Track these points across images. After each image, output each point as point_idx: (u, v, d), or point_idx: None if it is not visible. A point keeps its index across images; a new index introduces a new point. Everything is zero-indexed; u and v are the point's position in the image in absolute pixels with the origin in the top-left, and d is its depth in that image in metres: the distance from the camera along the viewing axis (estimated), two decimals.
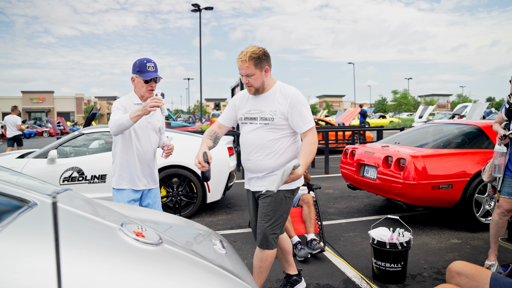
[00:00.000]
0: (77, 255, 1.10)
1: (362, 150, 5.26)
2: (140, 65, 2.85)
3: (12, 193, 1.27)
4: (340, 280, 3.24)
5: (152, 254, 1.28)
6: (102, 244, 1.23)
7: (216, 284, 1.33)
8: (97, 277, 1.08)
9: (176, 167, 5.07)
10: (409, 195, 4.32)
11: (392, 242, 3.10)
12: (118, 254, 1.21)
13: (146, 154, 2.91)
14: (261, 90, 2.42)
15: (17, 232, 1.09)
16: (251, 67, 2.31)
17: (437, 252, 3.84)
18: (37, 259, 1.03)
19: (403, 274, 3.17)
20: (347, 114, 18.32)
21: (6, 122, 11.03)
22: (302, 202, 4.04)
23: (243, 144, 2.52)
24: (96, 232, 1.29)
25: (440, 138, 4.97)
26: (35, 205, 1.26)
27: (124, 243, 1.27)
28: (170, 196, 5.18)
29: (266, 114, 2.40)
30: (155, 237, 1.39)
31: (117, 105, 2.82)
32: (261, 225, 2.44)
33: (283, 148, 2.44)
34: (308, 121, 2.38)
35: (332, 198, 6.38)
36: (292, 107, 2.37)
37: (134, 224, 1.45)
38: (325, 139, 9.37)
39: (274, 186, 2.05)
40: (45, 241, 1.08)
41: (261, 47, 2.37)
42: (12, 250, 1.03)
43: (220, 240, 1.96)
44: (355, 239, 4.29)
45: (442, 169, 4.36)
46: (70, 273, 1.04)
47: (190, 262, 1.36)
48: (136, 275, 1.16)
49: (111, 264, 1.14)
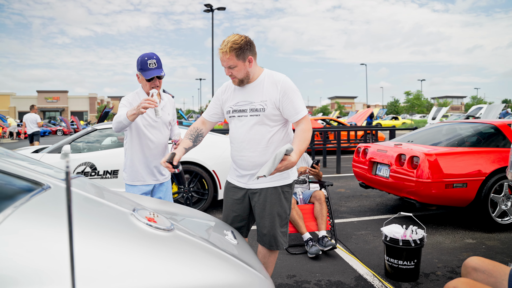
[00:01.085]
0: (89, 236, 1.10)
1: (375, 149, 5.21)
2: (142, 62, 2.74)
3: (27, 176, 1.28)
4: (351, 277, 3.20)
5: (164, 239, 1.28)
6: (114, 227, 1.23)
7: (228, 271, 1.32)
8: (109, 258, 1.08)
9: (188, 164, 5.08)
10: (422, 194, 4.26)
11: (405, 239, 3.06)
12: (130, 238, 1.20)
13: (157, 149, 2.89)
14: (246, 81, 2.22)
15: (31, 212, 1.10)
16: (232, 58, 2.10)
17: (451, 251, 3.77)
18: (49, 238, 1.03)
19: (416, 272, 3.12)
20: (359, 115, 18.18)
21: (26, 120, 11.80)
22: (313, 199, 4.01)
23: (235, 140, 2.31)
24: (108, 215, 1.29)
25: (455, 137, 4.89)
26: (48, 188, 1.26)
27: (136, 227, 1.27)
28: (182, 192, 5.19)
29: (256, 104, 2.20)
30: (167, 223, 1.38)
31: (123, 102, 2.79)
32: (266, 227, 2.30)
33: (277, 140, 2.26)
34: (301, 109, 2.20)
35: (344, 197, 6.33)
36: (283, 95, 2.17)
37: (146, 210, 1.45)
38: (337, 139, 9.31)
39: (266, 171, 1.88)
40: (58, 221, 1.08)
41: (244, 35, 2.15)
42: (25, 228, 1.04)
43: (231, 231, 1.95)
44: (367, 237, 4.25)
45: (457, 168, 4.29)
46: (82, 253, 1.04)
47: (202, 249, 1.35)
48: (148, 258, 1.16)
49: (123, 246, 1.14)
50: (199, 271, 1.23)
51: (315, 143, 10.84)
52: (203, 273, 1.23)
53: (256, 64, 2.24)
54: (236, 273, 1.34)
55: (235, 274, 1.33)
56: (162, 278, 1.13)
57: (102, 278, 1.03)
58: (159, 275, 1.13)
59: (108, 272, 1.05)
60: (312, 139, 10.48)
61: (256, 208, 2.32)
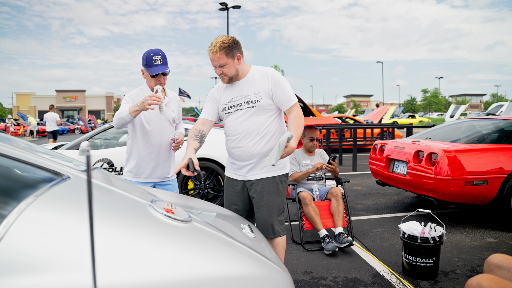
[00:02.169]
0: (108, 225, 1.11)
1: (392, 145, 5.14)
2: (147, 58, 2.71)
3: (48, 167, 1.29)
4: (368, 274, 3.16)
5: (181, 230, 1.28)
6: (133, 217, 1.23)
7: (245, 263, 1.31)
8: (127, 247, 1.08)
9: (204, 160, 5.10)
10: (441, 191, 4.18)
11: (423, 236, 3.00)
12: (148, 228, 1.21)
13: (160, 145, 2.84)
14: (235, 78, 2.37)
15: (51, 201, 1.11)
16: (222, 57, 2.26)
17: (471, 250, 3.69)
18: (69, 226, 1.04)
19: (435, 270, 3.06)
20: (375, 113, 17.97)
21: (46, 119, 12.90)
22: (330, 196, 3.97)
23: (231, 132, 2.43)
24: (126, 206, 1.30)
25: (475, 134, 4.79)
26: (68, 178, 1.27)
27: (154, 218, 1.27)
28: (198, 188, 5.21)
29: (251, 97, 2.35)
30: (184, 215, 1.38)
31: (126, 98, 2.78)
32: (264, 216, 2.41)
33: (272, 130, 2.40)
34: (291, 96, 2.38)
35: (360, 194, 6.27)
36: (274, 84, 2.35)
37: (164, 202, 1.46)
38: (353, 137, 9.22)
39: (273, 160, 2.04)
40: (78, 210, 1.09)
41: (230, 35, 2.33)
42: (45, 217, 1.05)
43: (248, 225, 1.95)
44: (384, 234, 4.19)
45: (477, 165, 4.20)
46: (102, 241, 1.04)
47: (219, 240, 1.35)
48: (166, 249, 1.16)
49: (141, 236, 1.14)
50: (216, 262, 1.22)
51: (331, 141, 10.76)
52: (221, 264, 1.23)
53: (244, 62, 2.40)
54: (253, 265, 1.33)
55: (253, 266, 1.32)
56: (180, 268, 1.13)
57: (121, 267, 1.04)
58: (177, 265, 1.13)
59: (126, 261, 1.05)
60: (328, 137, 10.41)
61: (254, 198, 2.44)
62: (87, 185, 0.61)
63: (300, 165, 4.15)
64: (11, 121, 26.81)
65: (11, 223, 0.99)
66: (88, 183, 0.62)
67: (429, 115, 46.46)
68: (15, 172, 1.36)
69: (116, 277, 1.01)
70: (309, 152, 4.24)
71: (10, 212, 1.02)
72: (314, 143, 4.17)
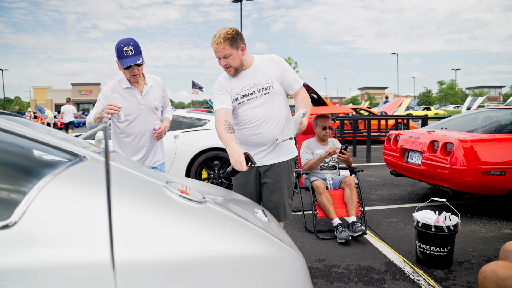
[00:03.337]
0: (124, 204, 1.13)
1: (407, 135, 5.09)
2: (118, 49, 2.60)
3: (66, 148, 1.32)
4: (382, 263, 3.16)
5: (196, 210, 1.30)
6: (148, 197, 1.25)
7: (258, 243, 1.33)
8: (143, 225, 1.11)
9: (218, 150, 5.13)
10: (456, 181, 4.13)
11: (438, 225, 2.98)
12: (163, 207, 1.23)
13: (143, 135, 2.84)
14: (240, 69, 2.40)
15: (69, 179, 1.14)
16: (227, 48, 2.29)
17: (486, 240, 3.65)
18: (86, 204, 1.07)
19: (449, 259, 3.04)
20: (389, 104, 17.76)
21: (64, 110, 13.89)
22: (344, 185, 3.97)
23: (248, 121, 2.41)
24: (142, 186, 1.33)
25: (492, 124, 4.70)
26: (85, 159, 1.31)
27: (169, 198, 1.29)
28: (211, 178, 5.25)
29: (264, 84, 2.40)
30: (199, 196, 1.40)
31: (99, 97, 2.79)
32: (277, 199, 2.48)
33: (285, 114, 2.48)
34: (297, 79, 2.48)
35: (374, 185, 6.23)
36: (282, 69, 2.43)
37: (179, 184, 1.48)
38: (367, 128, 9.15)
39: (291, 133, 2.16)
40: (95, 188, 1.12)
41: (233, 27, 2.37)
42: (63, 194, 1.08)
43: (262, 210, 1.96)
44: (398, 224, 4.17)
45: (494, 155, 4.13)
46: (118, 218, 1.07)
47: (233, 221, 1.37)
48: (181, 228, 1.18)
49: (156, 215, 1.17)
50: (230, 241, 1.24)
51: (344, 132, 10.70)
52: (234, 244, 1.24)
53: (247, 53, 2.43)
54: (266, 246, 1.34)
55: (266, 247, 1.34)
56: (194, 246, 1.15)
57: (138, 244, 1.06)
58: (191, 243, 1.15)
59: (142, 238, 1.08)
60: (342, 128, 10.35)
61: (268, 183, 2.49)
62: (104, 154, 0.63)
63: (313, 154, 4.15)
64: (30, 114, 27.34)
65: (32, 199, 1.03)
66: (105, 153, 0.64)
67: (445, 108, 45.70)
68: (35, 153, 1.40)
69: (132, 253, 1.03)
70: (322, 141, 4.23)
71: (31, 189, 1.06)
72: (326, 132, 4.15)
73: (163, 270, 1.04)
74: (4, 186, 1.16)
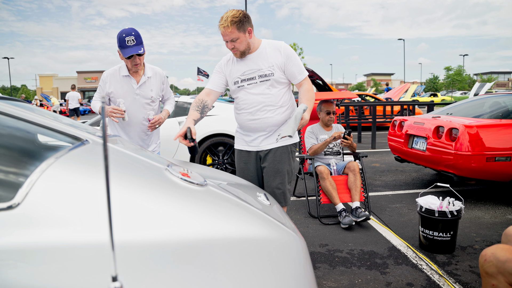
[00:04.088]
0: (125, 186, 1.14)
1: (411, 121, 5.06)
2: (120, 39, 2.66)
3: (68, 132, 1.33)
4: (384, 247, 3.18)
5: (197, 193, 1.31)
6: (149, 179, 1.26)
7: (260, 226, 1.34)
8: (144, 207, 1.12)
9: (222, 136, 5.14)
10: (461, 167, 4.12)
11: (441, 210, 2.98)
12: (164, 190, 1.24)
13: (135, 124, 2.91)
14: (247, 52, 2.37)
15: (70, 162, 1.15)
16: (234, 31, 2.25)
17: (490, 226, 3.65)
18: (87, 186, 1.08)
19: (452, 244, 3.05)
20: (395, 90, 17.62)
21: (69, 97, 14.12)
22: (348, 170, 3.97)
23: (246, 106, 2.44)
24: (143, 169, 1.34)
25: (498, 109, 4.66)
26: (87, 142, 1.32)
27: (170, 181, 1.30)
28: (216, 164, 5.28)
29: (265, 70, 2.37)
30: (200, 179, 1.41)
31: (100, 83, 2.91)
32: (277, 184, 2.48)
33: (285, 102, 2.44)
34: (302, 70, 2.42)
35: (379, 171, 6.22)
36: (287, 58, 2.37)
37: (180, 167, 1.49)
38: (372, 114, 9.10)
39: (290, 131, 2.08)
40: (96, 171, 1.13)
41: (240, 9, 2.30)
42: (65, 176, 1.09)
43: (264, 194, 1.97)
44: (402, 210, 4.18)
45: (500, 141, 4.10)
46: (119, 200, 1.08)
47: (235, 204, 1.38)
48: (182, 210, 1.19)
49: (157, 197, 1.18)
50: (232, 224, 1.25)
51: (349, 118, 10.65)
52: (235, 226, 1.25)
53: (254, 35, 2.39)
54: (268, 228, 1.35)
55: (267, 229, 1.35)
56: (195, 228, 1.16)
57: (138, 225, 1.07)
58: (192, 226, 1.16)
59: (143, 220, 1.09)
60: (347, 114, 10.30)
61: (267, 167, 2.49)
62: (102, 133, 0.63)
63: (318, 139, 4.15)
64: (37, 102, 27.51)
65: (35, 181, 1.04)
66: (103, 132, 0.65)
67: (452, 94, 45.25)
68: (38, 137, 1.42)
69: (133, 234, 1.05)
70: (327, 127, 4.22)
71: (33, 172, 1.07)
72: (331, 117, 4.14)
73: (163, 252, 1.05)
74: (7, 169, 1.17)
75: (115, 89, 2.83)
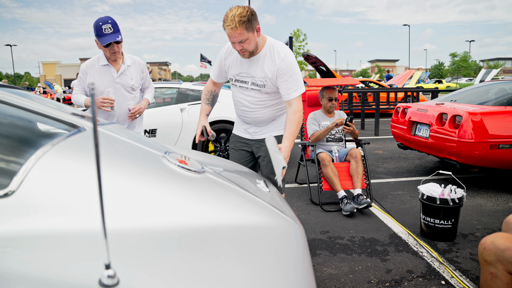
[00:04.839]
0: (121, 173, 1.14)
1: (415, 108, 5.02)
2: (97, 28, 2.65)
3: (65, 119, 1.33)
4: (386, 235, 3.18)
5: (195, 180, 1.30)
6: (146, 166, 1.26)
7: (259, 213, 1.33)
8: (140, 194, 1.11)
9: (224, 122, 5.12)
10: (464, 154, 4.09)
11: (443, 198, 2.97)
12: (161, 177, 1.23)
13: (119, 115, 2.94)
14: (255, 52, 2.21)
15: (66, 149, 1.15)
16: (243, 33, 2.05)
17: (492, 214, 3.64)
18: (82, 173, 1.07)
19: (453, 232, 3.05)
20: (399, 77, 17.46)
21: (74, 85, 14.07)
22: (349, 157, 3.95)
23: (237, 103, 2.47)
24: (139, 156, 1.33)
25: (503, 96, 4.60)
26: (84, 130, 1.31)
27: (167, 168, 1.29)
28: (218, 151, 5.27)
29: (257, 80, 2.28)
30: (198, 166, 1.41)
31: (80, 75, 2.91)
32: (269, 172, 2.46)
33: (278, 103, 2.42)
34: (295, 88, 2.21)
35: (381, 158, 6.21)
36: (279, 74, 2.21)
37: (178, 154, 1.48)
38: (375, 101, 9.03)
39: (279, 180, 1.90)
40: (91, 158, 1.12)
41: (246, 6, 2.09)
42: (60, 164, 1.09)
43: (264, 181, 1.97)
44: (404, 197, 4.17)
45: (504, 128, 4.06)
46: (114, 187, 1.08)
47: (233, 191, 1.37)
48: (178, 197, 1.18)
49: (154, 184, 1.17)
50: (229, 211, 1.25)
51: (353, 105, 10.59)
52: (233, 213, 1.25)
53: (261, 33, 2.21)
54: (266, 215, 1.35)
55: (266, 216, 1.34)
56: (192, 215, 1.15)
57: (133, 213, 1.07)
58: (189, 213, 1.16)
59: (138, 208, 1.08)
60: (350, 101, 10.24)
61: (262, 156, 2.49)
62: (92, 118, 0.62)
63: (320, 126, 4.13)
64: (40, 89, 27.53)
65: (30, 168, 1.03)
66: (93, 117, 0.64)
67: (457, 81, 44.81)
68: (35, 124, 1.41)
69: (127, 222, 1.04)
70: (329, 113, 4.20)
71: (29, 159, 1.07)
72: (333, 103, 4.11)
73: (158, 239, 1.05)
74: (2, 156, 1.17)
75: (95, 80, 2.83)
